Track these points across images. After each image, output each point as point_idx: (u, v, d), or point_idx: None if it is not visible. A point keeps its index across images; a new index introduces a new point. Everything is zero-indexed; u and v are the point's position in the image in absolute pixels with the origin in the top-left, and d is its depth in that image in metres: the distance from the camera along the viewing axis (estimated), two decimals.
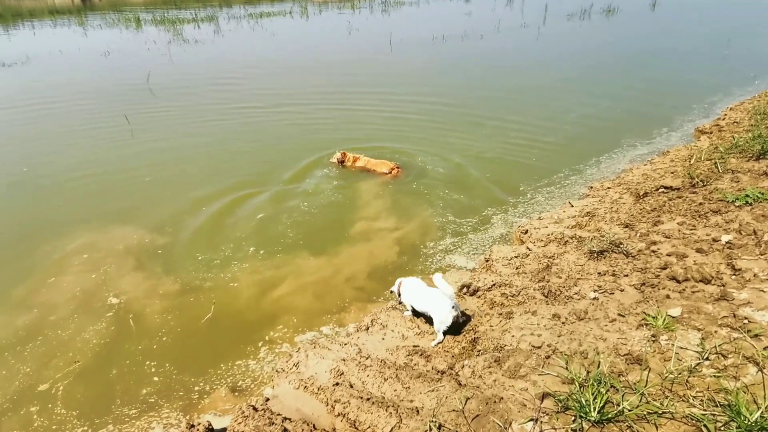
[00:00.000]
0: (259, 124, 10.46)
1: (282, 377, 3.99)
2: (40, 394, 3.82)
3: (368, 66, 16.06)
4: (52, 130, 10.12)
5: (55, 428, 3.53)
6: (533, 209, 6.56)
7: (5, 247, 5.82)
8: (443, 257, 5.55)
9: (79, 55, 18.52)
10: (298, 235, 5.98)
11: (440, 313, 3.99)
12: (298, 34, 23.00)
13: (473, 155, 8.26)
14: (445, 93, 12.43)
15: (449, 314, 3.94)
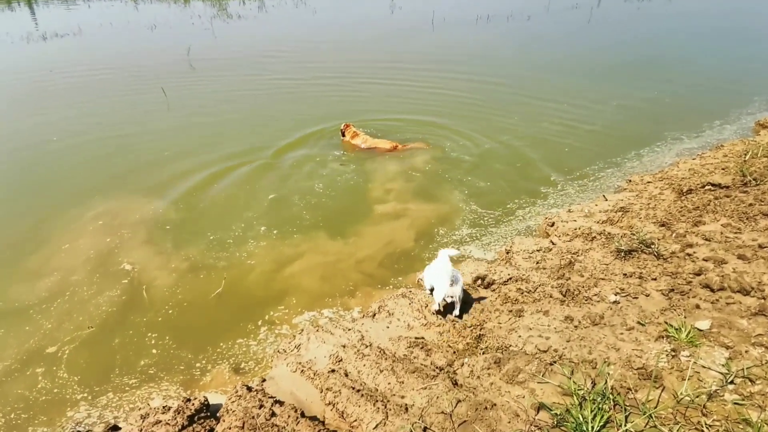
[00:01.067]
0: (292, 95, 10.56)
1: (282, 359, 3.93)
2: (47, 356, 3.92)
3: (407, 43, 15.68)
4: (90, 99, 10.42)
5: (56, 392, 3.61)
6: (563, 201, 6.17)
7: (26, 213, 6.00)
8: (460, 246, 5.31)
9: (128, 28, 18.97)
10: (315, 216, 5.87)
11: (438, 283, 4.00)
12: (340, 11, 22.71)
13: (506, 140, 7.87)
14: (484, 71, 11.97)
15: (443, 289, 3.92)
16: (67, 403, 3.53)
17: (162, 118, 9.22)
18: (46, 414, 3.45)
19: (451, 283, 3.98)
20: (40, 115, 9.49)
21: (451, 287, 3.99)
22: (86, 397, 3.60)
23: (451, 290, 4.00)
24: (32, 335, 4.13)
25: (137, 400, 3.67)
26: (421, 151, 7.63)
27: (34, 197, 6.38)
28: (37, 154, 7.71)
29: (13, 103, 10.32)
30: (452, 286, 4.00)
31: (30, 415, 3.45)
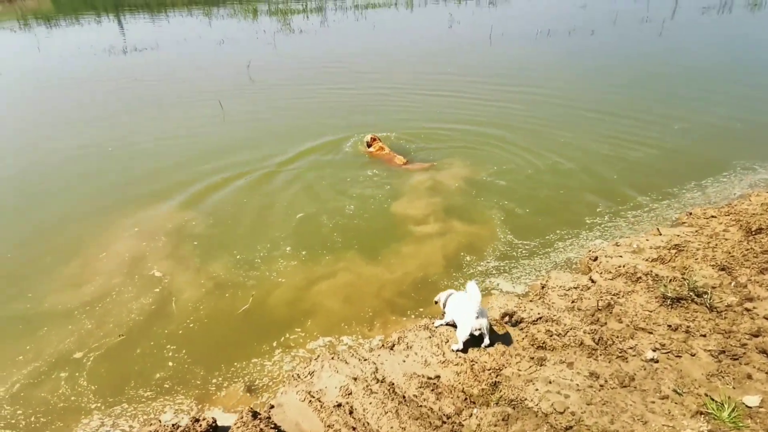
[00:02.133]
0: (343, 105, 10.96)
1: (293, 385, 3.86)
2: (72, 362, 4.09)
3: (462, 56, 15.53)
4: (150, 110, 11.07)
5: (73, 399, 3.74)
6: (611, 234, 5.70)
7: (71, 216, 6.40)
8: (489, 277, 5.01)
9: (199, 42, 20.13)
10: (343, 236, 5.79)
11: (463, 318, 3.88)
12: (399, 25, 22.88)
13: (553, 161, 7.46)
14: (539, 85, 11.64)
15: (469, 323, 3.80)
16: (82, 411, 3.65)
17: (214, 130, 9.59)
18: (62, 420, 3.58)
19: (477, 316, 3.79)
20: (101, 121, 10.22)
21: (477, 320, 3.83)
22: (100, 407, 3.69)
23: (477, 323, 3.84)
24: (63, 339, 4.33)
25: (151, 411, 3.72)
26: (459, 168, 7.40)
27: (80, 201, 6.82)
28: (89, 160, 8.25)
29: (78, 109, 11.16)
30: (478, 318, 3.80)
31: (48, 420, 3.59)
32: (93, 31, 23.86)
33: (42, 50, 18.94)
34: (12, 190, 7.23)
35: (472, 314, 3.80)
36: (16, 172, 7.88)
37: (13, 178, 7.68)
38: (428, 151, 8.24)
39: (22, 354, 4.18)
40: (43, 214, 6.52)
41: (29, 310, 4.72)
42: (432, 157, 7.88)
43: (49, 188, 7.28)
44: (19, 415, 3.63)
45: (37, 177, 7.65)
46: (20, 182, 7.52)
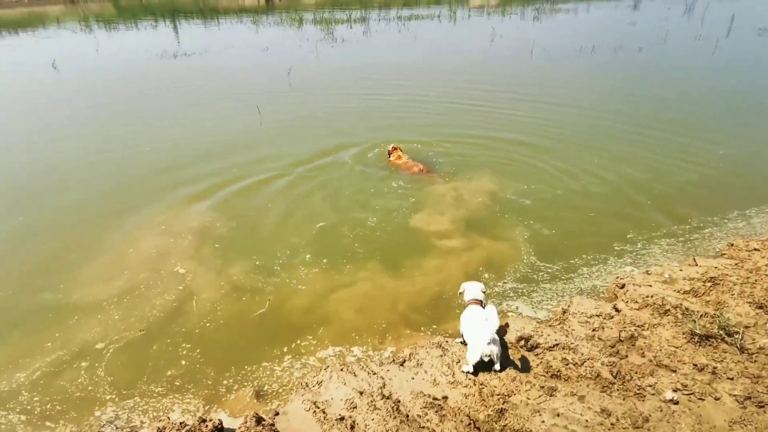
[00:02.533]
0: (376, 112, 11.20)
1: (300, 393, 3.86)
2: (94, 352, 4.25)
3: (502, 70, 15.41)
4: (189, 113, 11.51)
5: (90, 389, 3.88)
6: (642, 261, 5.45)
7: (102, 214, 6.67)
8: (508, 299, 4.89)
9: (245, 49, 20.82)
10: (363, 246, 5.79)
11: (475, 342, 3.80)
12: (440, 38, 22.92)
13: (585, 182, 7.23)
14: (578, 102, 11.36)
15: (480, 348, 3.72)
16: (96, 403, 3.77)
17: (248, 134, 9.81)
18: (77, 410, 3.71)
19: (489, 342, 3.70)
20: (143, 121, 10.71)
21: (489, 346, 3.73)
22: (114, 399, 3.81)
23: (488, 349, 3.74)
24: (89, 330, 4.51)
25: (161, 407, 3.81)
26: (487, 183, 7.31)
27: (114, 197, 7.13)
28: (126, 158, 8.60)
29: (122, 109, 11.71)
30: (490, 344, 3.71)
31: (63, 409, 3.73)
32: (149, 35, 25.11)
33: (100, 52, 20.05)
34: (53, 183, 7.62)
35: (484, 339, 3.71)
36: (55, 165, 8.33)
37: (52, 170, 8.13)
38: (457, 162, 8.21)
39: (48, 342, 4.38)
40: (79, 207, 6.84)
41: (60, 300, 4.94)
42: (454, 170, 7.85)
43: (86, 182, 7.66)
44: (36, 402, 3.79)
45: (76, 171, 8.06)
46: (60, 174, 7.95)
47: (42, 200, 7.05)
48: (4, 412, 3.72)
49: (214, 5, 45.68)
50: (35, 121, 10.97)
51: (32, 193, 7.25)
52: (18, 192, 7.34)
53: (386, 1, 44.78)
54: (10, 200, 7.10)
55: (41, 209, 6.79)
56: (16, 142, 9.55)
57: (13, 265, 5.52)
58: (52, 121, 10.95)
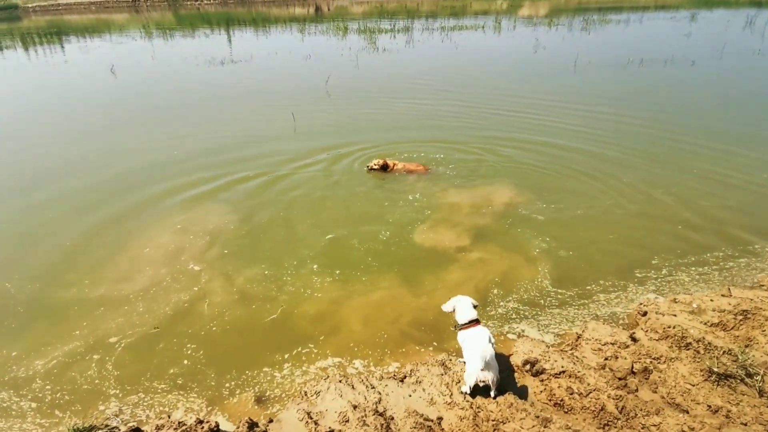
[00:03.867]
0: (412, 123, 11.21)
1: (297, 401, 3.88)
2: (107, 345, 4.44)
3: (541, 80, 15.05)
4: (226, 117, 11.95)
5: (97, 382, 4.05)
6: (669, 288, 5.14)
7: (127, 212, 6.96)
8: (518, 320, 4.72)
9: (289, 56, 21.38)
10: (376, 258, 5.76)
11: (471, 366, 3.68)
12: (482, 48, 22.65)
13: (613, 200, 6.93)
14: (614, 114, 11.01)
15: (474, 373, 3.61)
16: (101, 396, 3.93)
17: (280, 141, 10.00)
18: (82, 403, 3.88)
19: (483, 367, 3.57)
20: (179, 127, 11.13)
21: (483, 372, 3.61)
22: (118, 394, 3.95)
23: (482, 375, 3.63)
24: (106, 323, 4.72)
25: (167, 403, 3.92)
26: (510, 194, 7.19)
27: (135, 196, 7.43)
28: (157, 160, 8.95)
29: (161, 115, 12.25)
30: (484, 370, 3.59)
31: (71, 399, 3.90)
32: (202, 43, 26.24)
33: (155, 58, 21.16)
34: (93, 184, 8.03)
35: (478, 365, 3.58)
36: (82, 163, 8.83)
37: (77, 168, 8.60)
38: (479, 168, 8.23)
39: (68, 333, 4.61)
40: (103, 204, 7.20)
41: (87, 294, 5.19)
42: (475, 176, 7.88)
43: (121, 178, 8.11)
44: (47, 390, 3.99)
45: (115, 171, 8.47)
46: (85, 173, 8.39)
47: (75, 196, 7.48)
48: (17, 398, 3.94)
49: (267, 14, 47.27)
50: (73, 123, 11.66)
51: (67, 188, 7.71)
52: (53, 186, 7.82)
53: (433, 11, 44.91)
54: (42, 195, 7.51)
55: (70, 203, 7.21)
56: (57, 141, 10.18)
57: (40, 259, 5.84)
58: (87, 123, 11.59)
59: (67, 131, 10.98)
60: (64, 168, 8.66)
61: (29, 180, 8.12)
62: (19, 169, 8.63)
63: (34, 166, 8.74)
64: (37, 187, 7.79)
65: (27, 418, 3.79)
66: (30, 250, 6.00)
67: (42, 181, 8.06)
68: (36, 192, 7.62)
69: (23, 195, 7.54)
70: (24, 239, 6.25)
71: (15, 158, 9.24)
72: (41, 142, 10.20)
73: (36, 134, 10.82)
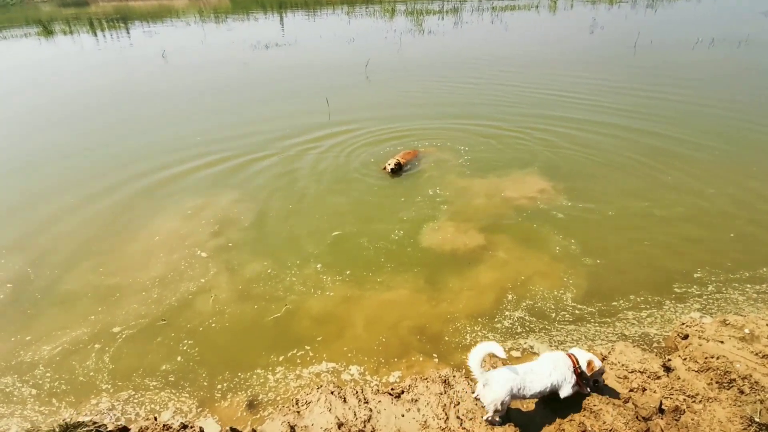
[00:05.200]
0: (447, 107, 10.81)
1: (284, 412, 3.67)
2: (109, 335, 4.44)
3: (594, 63, 13.98)
4: (260, 100, 11.91)
5: (92, 375, 4.02)
6: (717, 307, 4.49)
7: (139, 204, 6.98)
8: (528, 336, 4.27)
9: (332, 39, 21.15)
10: (389, 259, 5.44)
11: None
12: (534, 29, 21.40)
13: (644, 207, 6.21)
14: (676, 100, 9.94)
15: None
16: (94, 390, 3.90)
17: (308, 127, 9.77)
18: (76, 395, 3.86)
19: (483, 384, 3.26)
20: (210, 111, 11.17)
21: (482, 388, 3.30)
22: (109, 389, 3.91)
23: (478, 390, 3.39)
24: (114, 312, 4.74)
25: (158, 401, 3.85)
26: (540, 185, 6.71)
27: (151, 180, 7.41)
28: (184, 143, 9.05)
29: (191, 98, 12.31)
30: (483, 388, 3.28)
31: (67, 390, 3.90)
32: (252, 27, 26.53)
33: (204, 43, 21.55)
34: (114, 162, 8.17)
35: (479, 382, 3.25)
36: (106, 147, 9.00)
37: (101, 152, 8.77)
38: (513, 155, 7.78)
39: (77, 321, 4.64)
40: (128, 187, 7.33)
41: (102, 282, 5.22)
42: (506, 165, 7.38)
43: (140, 156, 8.32)
44: (47, 378, 4.02)
45: (134, 149, 8.69)
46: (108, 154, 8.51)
47: (96, 179, 7.62)
48: (20, 384, 3.99)
49: None
50: (111, 108, 11.98)
51: (95, 167, 7.87)
52: (80, 162, 8.09)
53: None
54: (70, 179, 7.72)
55: (95, 186, 7.38)
56: (95, 123, 10.49)
57: (61, 245, 5.96)
58: (122, 107, 11.89)
59: (105, 114, 11.31)
60: (94, 146, 9.00)
61: (59, 157, 8.48)
62: (53, 149, 9.01)
63: (69, 144, 9.17)
64: (62, 163, 8.16)
65: (27, 405, 3.83)
66: (53, 235, 6.12)
67: (72, 156, 8.45)
68: (61, 167, 7.99)
69: (54, 173, 7.86)
70: (48, 224, 6.39)
71: (53, 138, 9.63)
72: (79, 125, 10.58)
73: (78, 116, 11.23)
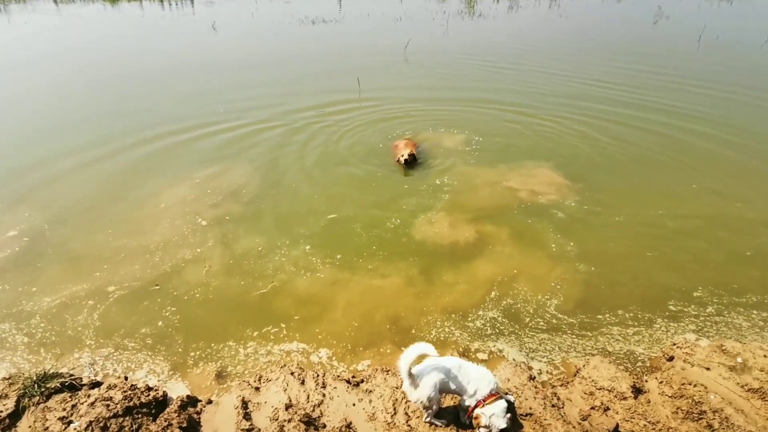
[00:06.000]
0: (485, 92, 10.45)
1: (244, 386, 3.75)
2: (103, 293, 4.68)
3: (645, 56, 13.06)
4: (292, 78, 11.93)
5: (79, 329, 4.26)
6: (715, 331, 4.18)
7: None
8: (501, 341, 4.13)
9: (380, 18, 20.75)
10: (381, 246, 5.39)
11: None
12: (593, 16, 20.10)
13: (657, 215, 5.80)
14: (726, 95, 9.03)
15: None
16: (78, 344, 4.15)
17: (334, 106, 9.72)
18: (61, 347, 4.12)
19: (411, 382, 3.18)
20: (243, 82, 11.28)
21: (409, 386, 3.21)
22: (92, 345, 4.15)
23: (406, 389, 3.25)
24: (114, 272, 4.98)
25: (135, 360, 4.04)
26: (545, 182, 6.45)
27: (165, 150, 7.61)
28: (200, 118, 9.11)
29: (233, 72, 12.48)
30: (412, 386, 3.19)
31: (54, 341, 4.15)
32: (303, 1, 26.49)
33: (255, 16, 21.79)
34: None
35: (404, 376, 3.18)
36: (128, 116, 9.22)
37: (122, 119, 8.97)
38: (530, 146, 7.55)
39: (79, 278, 4.91)
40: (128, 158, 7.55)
41: (109, 243, 5.47)
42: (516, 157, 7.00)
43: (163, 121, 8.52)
44: (40, 328, 4.29)
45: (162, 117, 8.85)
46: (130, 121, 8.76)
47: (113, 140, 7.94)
48: (16, 331, 4.29)
49: None
50: (150, 75, 12.35)
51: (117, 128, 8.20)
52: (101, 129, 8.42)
53: None
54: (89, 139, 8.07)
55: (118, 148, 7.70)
56: (127, 91, 10.91)
57: (71, 204, 6.29)
58: (160, 76, 12.22)
59: (139, 83, 11.71)
60: (121, 113, 9.32)
61: (88, 123, 8.89)
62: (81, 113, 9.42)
63: (103, 109, 9.58)
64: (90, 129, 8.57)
65: (17, 352, 4.11)
66: (71, 194, 6.47)
67: (97, 125, 8.82)
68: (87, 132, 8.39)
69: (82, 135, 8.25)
70: (68, 183, 6.74)
71: (91, 101, 10.08)
72: (116, 90, 11.01)
73: (112, 84, 11.65)
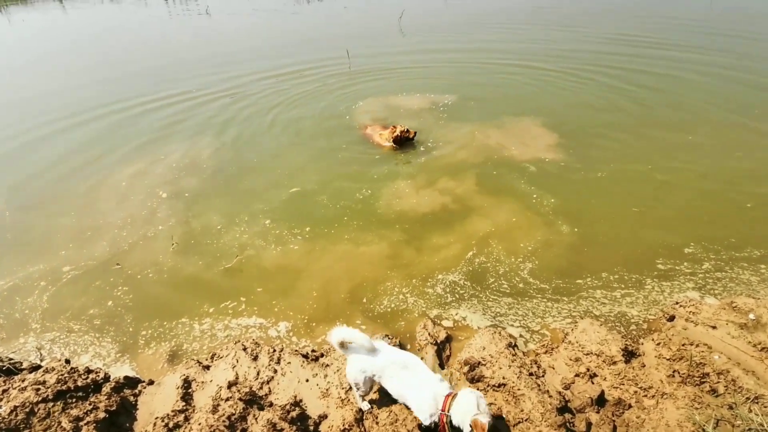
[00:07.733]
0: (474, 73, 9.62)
1: (190, 364, 3.40)
2: (56, 274, 4.38)
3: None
4: (276, 54, 11.48)
5: (27, 312, 3.96)
6: (722, 288, 3.65)
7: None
8: (476, 307, 3.68)
9: None
10: (348, 218, 4.95)
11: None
12: None
13: (645, 170, 5.29)
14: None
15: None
16: (24, 328, 3.84)
17: (318, 80, 9.29)
18: (7, 331, 3.82)
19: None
20: (226, 66, 10.80)
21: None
22: (37, 329, 3.84)
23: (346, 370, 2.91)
24: (74, 252, 4.67)
25: (81, 343, 3.73)
26: (529, 139, 5.84)
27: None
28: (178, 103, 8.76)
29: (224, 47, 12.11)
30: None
31: (2, 324, 3.88)
32: None
33: None
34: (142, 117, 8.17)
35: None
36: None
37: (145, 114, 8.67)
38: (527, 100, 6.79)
39: (37, 259, 4.60)
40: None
41: (75, 224, 5.15)
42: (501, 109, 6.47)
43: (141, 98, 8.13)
44: None
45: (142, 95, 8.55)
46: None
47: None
48: None
49: None
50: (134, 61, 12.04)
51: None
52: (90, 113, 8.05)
53: None
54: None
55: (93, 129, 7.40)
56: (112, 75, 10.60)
57: (29, 183, 6.05)
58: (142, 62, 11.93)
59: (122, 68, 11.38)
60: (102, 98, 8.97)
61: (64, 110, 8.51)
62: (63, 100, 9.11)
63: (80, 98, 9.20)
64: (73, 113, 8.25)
65: None
66: (32, 179, 6.18)
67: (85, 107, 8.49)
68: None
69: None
70: (26, 160, 6.56)
71: (88, 83, 9.82)
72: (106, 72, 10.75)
73: (107, 65, 11.42)
